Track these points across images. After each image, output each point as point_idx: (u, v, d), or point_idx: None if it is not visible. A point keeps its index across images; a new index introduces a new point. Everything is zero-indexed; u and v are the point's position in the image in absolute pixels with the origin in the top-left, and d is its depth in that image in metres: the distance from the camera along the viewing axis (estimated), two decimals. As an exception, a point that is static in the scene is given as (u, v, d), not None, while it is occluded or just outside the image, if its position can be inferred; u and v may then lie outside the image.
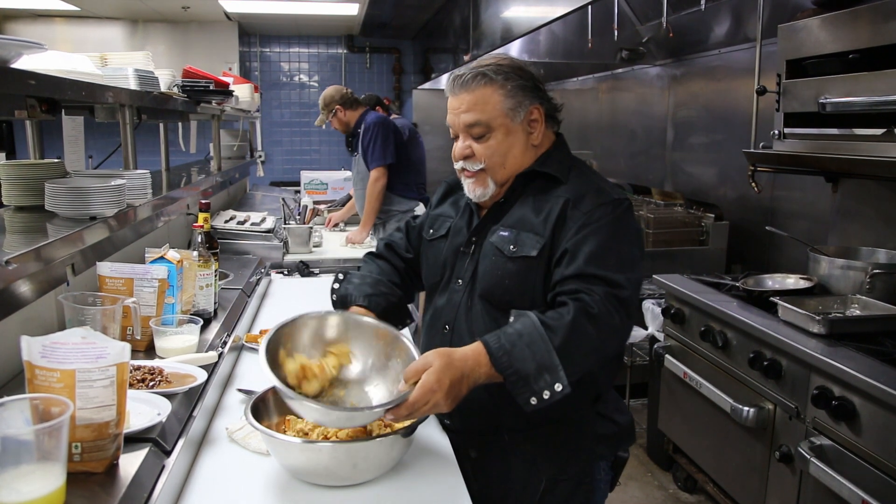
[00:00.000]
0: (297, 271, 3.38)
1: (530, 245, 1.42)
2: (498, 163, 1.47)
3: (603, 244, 1.36)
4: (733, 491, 2.54)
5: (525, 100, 1.46)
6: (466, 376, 1.26)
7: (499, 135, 1.46)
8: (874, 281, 2.31)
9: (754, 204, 3.51)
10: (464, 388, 1.27)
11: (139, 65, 2.65)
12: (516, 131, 1.47)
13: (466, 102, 1.45)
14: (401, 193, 4.19)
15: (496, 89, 1.44)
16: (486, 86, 1.44)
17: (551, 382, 1.24)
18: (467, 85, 1.45)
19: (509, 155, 1.47)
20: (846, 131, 2.35)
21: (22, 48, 1.54)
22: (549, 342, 1.25)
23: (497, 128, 1.45)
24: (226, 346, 1.85)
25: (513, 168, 1.49)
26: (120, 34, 7.03)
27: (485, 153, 1.46)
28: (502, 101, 1.44)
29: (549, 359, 1.24)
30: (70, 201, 1.84)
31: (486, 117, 1.44)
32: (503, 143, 1.46)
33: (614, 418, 1.52)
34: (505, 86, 1.44)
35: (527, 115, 1.47)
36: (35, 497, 0.96)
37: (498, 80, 1.44)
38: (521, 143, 1.48)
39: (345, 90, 4.28)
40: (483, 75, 1.44)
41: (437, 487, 1.32)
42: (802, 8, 2.58)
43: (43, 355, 1.08)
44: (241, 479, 1.33)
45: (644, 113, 4.75)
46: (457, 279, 1.53)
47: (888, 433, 1.76)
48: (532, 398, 1.24)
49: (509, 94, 1.44)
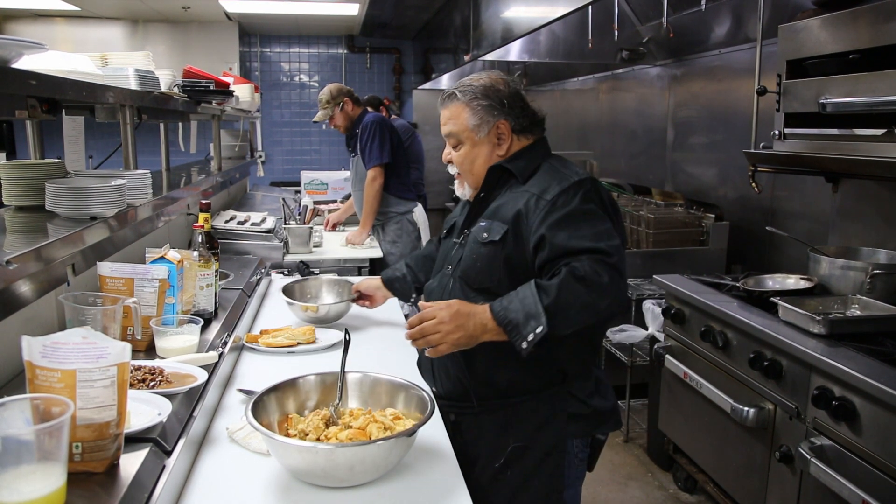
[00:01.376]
0: (298, 271, 3.38)
1: (496, 231, 1.61)
2: (467, 169, 1.73)
3: (576, 223, 1.51)
4: (733, 491, 2.54)
5: (488, 117, 1.67)
6: (474, 315, 1.47)
7: (467, 146, 1.70)
8: (874, 281, 2.31)
9: (754, 204, 3.51)
10: (471, 326, 1.46)
11: (139, 65, 2.65)
12: (482, 144, 1.69)
13: (444, 117, 1.72)
14: (398, 195, 4.18)
15: (463, 107, 1.68)
16: (455, 103, 1.69)
17: (535, 326, 1.41)
18: (444, 102, 1.72)
19: (475, 164, 1.71)
20: (846, 131, 2.35)
21: (22, 48, 1.54)
22: (537, 297, 1.42)
23: (465, 140, 1.70)
24: (226, 346, 1.85)
25: (479, 174, 1.71)
26: (120, 34, 7.03)
27: (457, 160, 1.73)
28: (468, 118, 1.68)
29: (535, 308, 1.41)
30: (70, 201, 1.84)
31: (456, 129, 1.70)
32: (470, 153, 1.70)
33: (588, 402, 1.65)
34: (469, 105, 1.67)
35: (493, 129, 1.68)
36: (35, 497, 0.96)
37: (464, 99, 1.68)
38: (485, 154, 1.70)
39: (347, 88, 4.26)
40: (453, 95, 1.70)
41: (437, 487, 1.32)
42: (803, 8, 2.58)
43: (44, 355, 1.08)
44: (242, 479, 1.33)
45: (644, 113, 4.75)
46: (447, 265, 1.75)
47: (888, 433, 1.76)
48: (522, 342, 1.42)
49: (474, 111, 1.67)
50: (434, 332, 1.47)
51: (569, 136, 6.02)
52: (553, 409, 1.63)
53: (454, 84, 1.74)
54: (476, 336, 1.48)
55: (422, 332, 1.48)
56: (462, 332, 1.46)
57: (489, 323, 1.47)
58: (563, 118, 6.20)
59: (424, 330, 1.48)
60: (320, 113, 4.19)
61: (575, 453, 1.66)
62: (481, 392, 1.65)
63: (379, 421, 1.39)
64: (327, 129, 7.91)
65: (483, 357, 1.60)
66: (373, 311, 2.35)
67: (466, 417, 1.68)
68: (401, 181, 4.18)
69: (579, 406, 1.64)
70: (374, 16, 7.07)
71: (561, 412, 1.63)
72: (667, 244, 3.65)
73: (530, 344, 1.42)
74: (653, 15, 3.58)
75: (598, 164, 5.36)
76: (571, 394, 1.64)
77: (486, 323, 1.47)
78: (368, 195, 4.02)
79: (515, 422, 1.64)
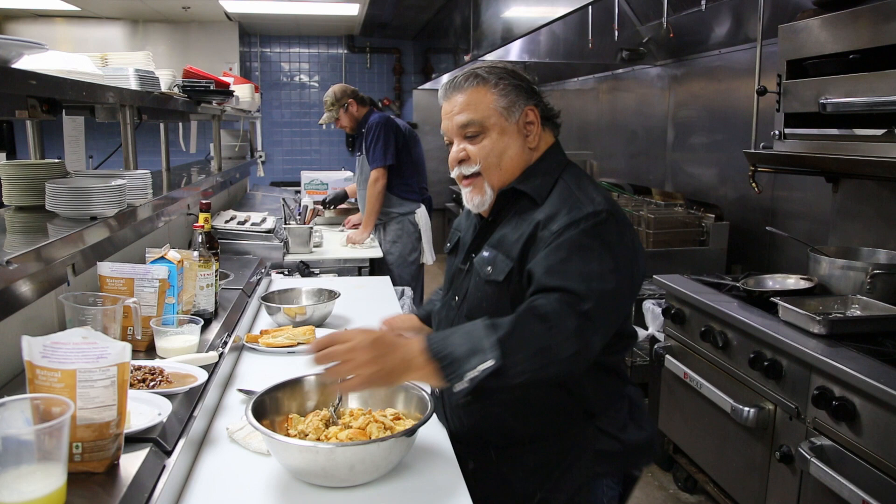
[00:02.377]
0: (298, 271, 3.38)
1: (500, 269, 1.40)
2: (493, 164, 1.44)
3: (565, 258, 1.29)
4: (734, 491, 2.54)
5: (519, 99, 1.44)
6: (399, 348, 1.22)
7: (493, 134, 1.43)
8: (874, 281, 2.31)
9: (755, 204, 3.51)
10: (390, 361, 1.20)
11: (140, 65, 2.66)
12: (511, 132, 1.44)
13: (459, 104, 1.44)
14: (401, 195, 4.18)
15: (489, 88, 1.43)
16: (478, 86, 1.44)
17: (479, 361, 1.17)
18: (460, 86, 1.45)
19: (505, 156, 1.44)
20: (847, 132, 2.35)
21: (23, 48, 1.54)
22: (487, 331, 1.21)
23: (491, 127, 1.43)
24: (226, 346, 1.85)
25: (509, 171, 1.45)
26: (120, 34, 7.03)
27: (479, 154, 1.44)
28: (496, 100, 1.43)
29: (481, 342, 1.19)
30: (71, 201, 1.84)
31: (479, 116, 1.43)
32: (498, 142, 1.43)
33: (620, 436, 1.44)
34: (498, 84, 1.43)
35: (522, 116, 1.45)
36: (36, 497, 0.96)
37: (491, 79, 1.44)
38: (516, 144, 1.45)
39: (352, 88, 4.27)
40: (475, 76, 1.44)
41: (437, 487, 1.31)
42: (803, 8, 2.58)
43: (44, 355, 1.08)
44: (242, 479, 1.33)
45: (644, 113, 4.75)
46: (454, 296, 1.54)
47: (889, 433, 1.76)
48: (458, 382, 1.18)
49: (502, 93, 1.43)
50: (344, 360, 1.20)
51: (569, 136, 6.02)
52: (576, 450, 1.42)
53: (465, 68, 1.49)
54: (395, 374, 1.21)
55: (328, 357, 1.20)
56: (378, 365, 1.19)
57: (417, 358, 1.21)
58: (563, 118, 6.18)
59: (332, 355, 1.20)
60: (325, 115, 4.21)
61: (604, 493, 1.45)
62: (499, 441, 1.47)
63: (379, 421, 1.39)
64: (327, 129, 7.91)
65: (499, 404, 1.43)
66: (372, 311, 2.35)
67: (486, 464, 1.49)
68: (404, 182, 4.18)
69: (609, 443, 1.43)
70: (374, 16, 7.07)
71: (586, 452, 1.42)
72: (667, 244, 3.65)
73: (472, 383, 1.17)
74: (653, 15, 3.58)
75: (598, 164, 5.37)
76: (600, 429, 1.43)
77: (413, 358, 1.21)
78: (371, 196, 4.03)
79: (536, 469, 1.45)
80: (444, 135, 1.50)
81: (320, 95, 8.68)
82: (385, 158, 4.01)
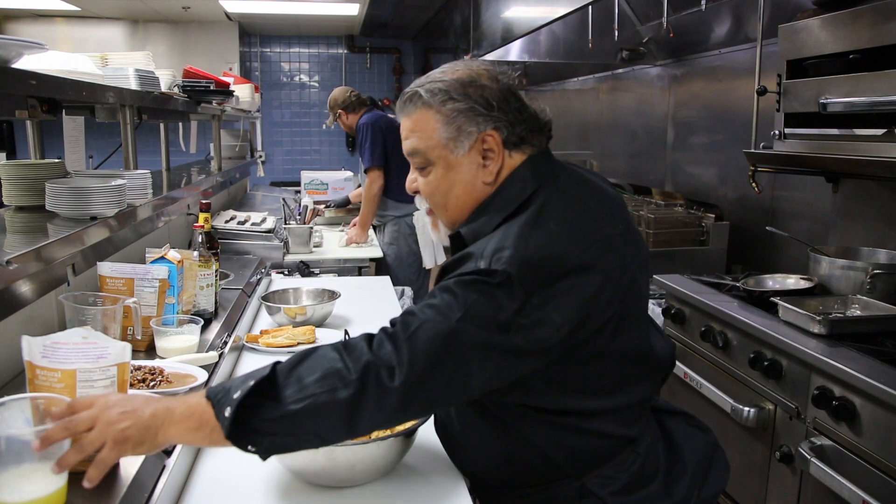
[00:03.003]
0: (298, 271, 3.38)
1: None
2: (440, 203, 1.23)
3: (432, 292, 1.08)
4: (733, 491, 2.54)
5: (469, 126, 1.17)
6: (161, 400, 1.03)
7: (438, 170, 1.21)
8: (875, 281, 2.31)
9: (755, 204, 3.50)
10: (147, 410, 0.99)
11: (140, 65, 2.66)
12: (459, 165, 1.19)
13: (406, 128, 1.23)
14: (395, 197, 4.19)
15: (432, 114, 1.18)
16: (421, 108, 1.20)
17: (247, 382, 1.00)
18: (404, 108, 1.22)
19: (450, 195, 1.21)
20: (847, 131, 2.35)
21: (23, 48, 1.54)
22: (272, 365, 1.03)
23: (436, 161, 1.20)
24: (226, 346, 1.85)
25: (457, 210, 1.22)
26: (120, 34, 7.03)
27: (426, 190, 1.24)
28: (439, 130, 1.18)
29: (263, 370, 1.03)
30: (71, 201, 1.84)
31: (423, 146, 1.21)
32: (443, 180, 1.21)
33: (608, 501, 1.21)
34: (442, 110, 1.18)
35: (477, 143, 1.19)
36: (37, 497, 0.96)
37: (434, 103, 1.18)
38: (465, 180, 1.20)
39: (348, 93, 4.30)
40: (417, 96, 1.20)
41: (438, 487, 1.31)
42: (803, 8, 2.58)
43: (44, 355, 1.08)
44: (242, 479, 1.33)
45: (644, 113, 4.75)
46: None
47: (889, 433, 1.76)
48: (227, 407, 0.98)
49: (447, 119, 1.18)
50: (90, 427, 0.97)
51: (569, 136, 6.02)
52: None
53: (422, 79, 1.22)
54: (153, 427, 0.98)
55: (70, 427, 0.96)
56: (132, 419, 0.97)
57: (182, 405, 1.01)
58: (563, 118, 6.20)
59: (76, 423, 0.96)
60: (329, 118, 4.33)
61: None
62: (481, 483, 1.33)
63: (379, 421, 1.38)
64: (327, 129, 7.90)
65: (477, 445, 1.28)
66: (372, 310, 2.35)
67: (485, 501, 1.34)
68: (398, 183, 4.19)
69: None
70: (374, 16, 7.07)
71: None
72: (667, 244, 3.65)
73: (234, 405, 0.97)
74: (653, 15, 3.58)
75: (598, 164, 5.37)
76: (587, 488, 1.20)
77: (178, 406, 1.00)
78: (365, 197, 4.10)
79: None
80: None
81: (320, 95, 8.69)
82: (371, 159, 4.05)
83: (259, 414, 0.99)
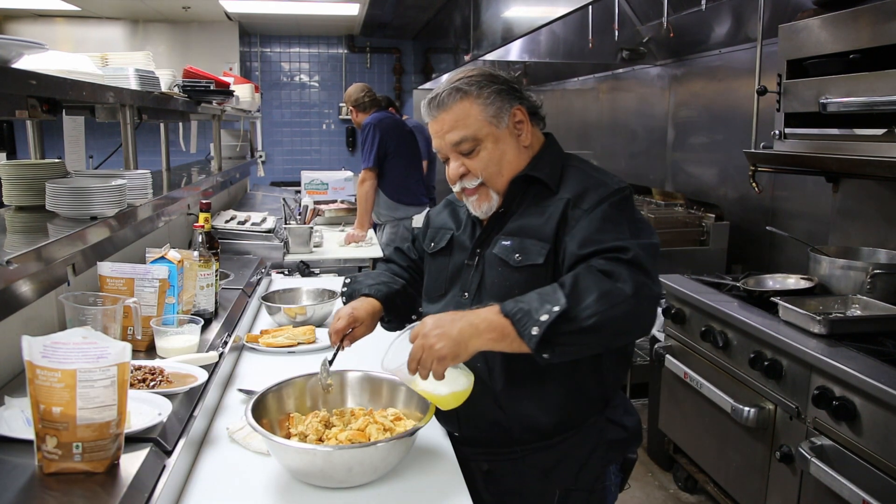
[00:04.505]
0: (298, 271, 3.38)
1: (535, 252, 1.39)
2: (495, 172, 1.45)
3: (597, 229, 1.34)
4: (734, 491, 2.54)
5: (505, 104, 1.43)
6: (463, 315, 1.27)
7: (488, 145, 1.43)
8: (875, 281, 2.31)
9: (755, 204, 3.50)
10: (456, 330, 1.24)
11: (140, 65, 2.66)
12: (504, 137, 1.44)
13: (448, 122, 1.43)
14: (393, 198, 4.20)
15: (473, 101, 1.42)
16: (462, 100, 1.42)
17: (550, 307, 1.21)
18: (444, 104, 1.43)
19: (504, 161, 1.45)
20: (847, 131, 2.35)
21: (23, 48, 1.54)
22: (556, 286, 1.25)
23: (484, 138, 1.43)
24: (226, 345, 1.85)
25: (510, 173, 1.46)
26: (120, 34, 7.03)
27: (479, 167, 1.44)
28: (483, 111, 1.42)
29: (552, 294, 1.23)
30: (71, 201, 1.84)
31: (470, 132, 1.42)
32: (494, 151, 1.44)
33: (623, 422, 1.50)
34: (481, 95, 1.42)
35: (510, 118, 1.45)
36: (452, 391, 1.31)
37: (473, 91, 1.42)
38: (512, 147, 1.45)
39: (362, 93, 4.35)
40: (457, 90, 1.42)
41: (437, 487, 1.32)
42: (803, 8, 2.58)
43: (44, 355, 1.08)
44: (242, 479, 1.33)
45: (645, 113, 4.75)
46: (463, 292, 1.50)
47: (889, 433, 1.76)
48: (534, 327, 1.21)
49: (487, 101, 1.42)
50: (422, 352, 1.25)
51: (569, 135, 6.01)
52: (593, 441, 1.47)
53: (446, 83, 1.46)
54: (462, 341, 1.24)
55: (414, 359, 1.26)
56: (444, 339, 1.24)
57: (484, 322, 1.25)
58: (563, 118, 6.20)
59: (414, 355, 1.26)
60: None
61: (612, 481, 1.51)
62: (523, 437, 1.46)
63: (379, 422, 1.39)
64: (327, 129, 7.91)
65: (526, 397, 1.43)
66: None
67: (502, 465, 1.49)
68: (394, 185, 4.20)
69: (616, 431, 1.49)
70: (374, 16, 7.07)
71: (600, 442, 1.47)
72: (667, 244, 3.65)
73: (542, 326, 1.19)
74: (653, 15, 3.58)
75: (598, 163, 5.35)
76: (609, 419, 1.49)
77: (480, 322, 1.25)
78: (358, 196, 4.17)
79: (557, 464, 1.46)
80: (437, 152, 1.49)
81: (320, 95, 8.70)
82: (367, 160, 4.12)
83: (557, 329, 1.21)
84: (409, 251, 1.78)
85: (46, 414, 1.07)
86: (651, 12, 3.62)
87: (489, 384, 1.43)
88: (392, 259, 1.79)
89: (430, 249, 1.62)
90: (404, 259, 1.77)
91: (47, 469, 1.10)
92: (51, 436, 1.09)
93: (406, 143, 4.28)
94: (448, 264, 1.56)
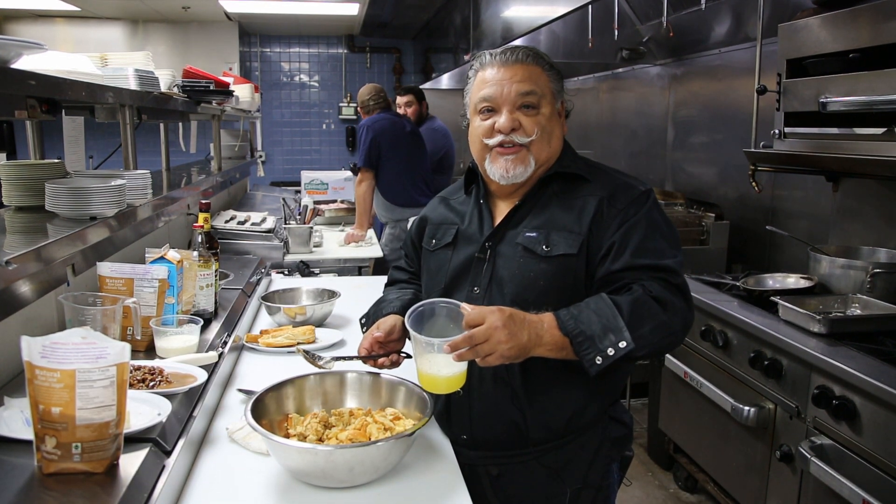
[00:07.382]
0: (298, 271, 3.38)
1: (566, 244, 1.41)
2: (545, 139, 1.47)
3: (646, 235, 1.39)
4: (734, 490, 2.54)
5: (560, 90, 1.52)
6: (529, 323, 1.28)
7: (546, 111, 1.47)
8: (875, 280, 2.31)
9: (755, 203, 3.50)
10: (524, 336, 1.26)
11: (139, 65, 2.65)
12: (555, 116, 1.50)
13: (521, 73, 1.45)
14: (391, 200, 4.20)
15: (545, 70, 1.48)
16: (536, 64, 1.48)
17: (616, 341, 1.26)
18: (521, 58, 1.47)
19: (553, 136, 1.49)
20: (847, 131, 2.35)
21: (22, 48, 1.54)
22: (615, 309, 1.29)
23: (546, 104, 1.47)
24: (226, 346, 1.85)
25: (554, 151, 1.50)
26: (120, 34, 7.03)
27: (534, 126, 1.45)
28: (550, 82, 1.49)
29: (614, 322, 1.27)
30: (70, 201, 1.84)
31: (540, 89, 1.46)
32: (549, 121, 1.48)
33: (623, 419, 1.53)
34: (551, 70, 1.50)
35: (561, 104, 1.53)
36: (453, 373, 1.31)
37: (545, 63, 1.50)
38: (558, 128, 1.51)
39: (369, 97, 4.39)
40: (535, 54, 1.49)
41: (438, 488, 1.32)
42: (803, 7, 2.58)
43: (43, 355, 1.08)
44: (242, 479, 1.33)
45: (644, 112, 4.74)
46: (473, 287, 1.48)
47: (889, 433, 1.76)
48: (598, 357, 1.26)
49: (554, 78, 1.50)
50: (484, 340, 1.23)
51: (569, 135, 6.01)
52: (601, 439, 1.49)
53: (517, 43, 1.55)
54: (528, 348, 1.27)
55: (471, 341, 1.23)
56: (514, 341, 1.24)
57: (547, 334, 1.28)
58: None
59: (475, 337, 1.23)
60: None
61: (614, 479, 1.54)
62: (538, 436, 1.45)
63: (378, 422, 1.39)
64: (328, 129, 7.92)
65: (545, 395, 1.43)
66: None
67: (513, 468, 1.48)
68: (391, 187, 4.21)
69: (617, 428, 1.51)
70: (374, 16, 7.07)
71: (606, 440, 1.49)
72: (667, 243, 3.65)
73: (607, 360, 1.25)
74: (653, 14, 3.58)
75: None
76: (612, 417, 1.51)
77: (544, 334, 1.28)
78: (356, 196, 4.23)
79: (568, 463, 1.47)
80: (485, 101, 1.46)
81: (320, 95, 8.69)
82: (361, 160, 4.17)
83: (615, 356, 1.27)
84: (405, 264, 1.81)
85: (46, 414, 1.07)
86: (651, 12, 3.62)
87: (508, 381, 1.43)
88: (394, 279, 1.81)
89: (431, 247, 1.59)
90: (405, 273, 1.79)
91: (46, 469, 1.10)
92: (50, 436, 1.08)
93: (403, 144, 4.27)
94: (450, 258, 1.53)
